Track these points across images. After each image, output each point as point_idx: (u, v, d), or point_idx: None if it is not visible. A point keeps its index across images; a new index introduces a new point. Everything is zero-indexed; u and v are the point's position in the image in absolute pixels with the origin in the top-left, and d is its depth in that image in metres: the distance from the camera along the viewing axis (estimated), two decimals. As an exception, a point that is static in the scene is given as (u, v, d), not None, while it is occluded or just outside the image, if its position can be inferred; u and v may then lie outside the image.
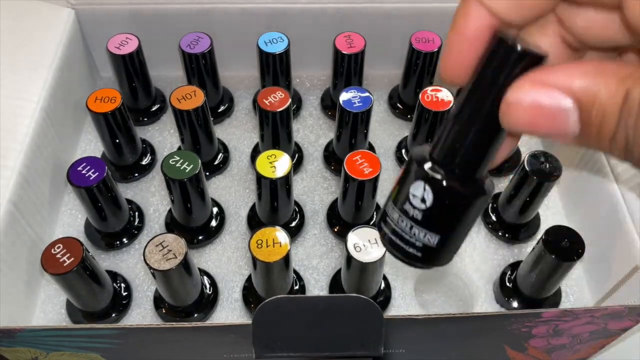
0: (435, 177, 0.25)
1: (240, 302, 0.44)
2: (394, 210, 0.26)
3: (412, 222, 0.26)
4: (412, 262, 0.27)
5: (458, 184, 0.25)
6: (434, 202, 0.25)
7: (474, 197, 0.25)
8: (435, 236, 0.26)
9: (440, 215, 0.25)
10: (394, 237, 0.27)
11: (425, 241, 0.26)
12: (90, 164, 0.42)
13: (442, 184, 0.25)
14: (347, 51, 0.50)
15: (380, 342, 0.34)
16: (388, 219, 0.27)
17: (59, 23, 0.50)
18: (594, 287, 0.45)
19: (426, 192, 0.25)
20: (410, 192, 0.25)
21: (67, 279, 0.38)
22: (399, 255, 0.27)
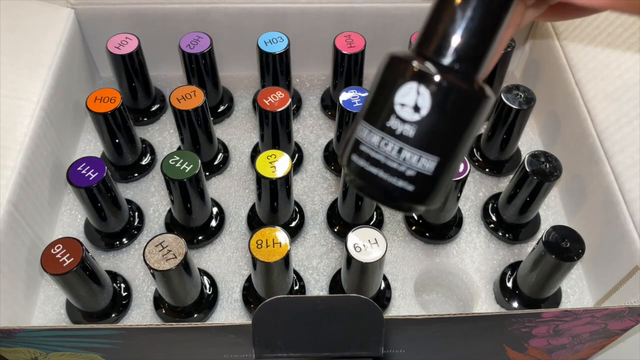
0: (432, 74, 0.19)
1: (240, 302, 0.44)
2: (372, 132, 0.20)
3: (402, 143, 0.19)
4: (398, 202, 0.21)
5: (461, 80, 0.19)
6: (432, 108, 0.19)
7: (481, 98, 0.20)
8: (432, 159, 0.20)
9: (441, 126, 0.19)
10: (372, 169, 0.20)
11: (419, 167, 0.20)
12: (90, 164, 0.42)
13: (443, 81, 0.19)
14: (347, 51, 0.50)
15: (381, 343, 0.34)
16: (362, 147, 0.20)
17: (58, 23, 0.50)
18: (594, 287, 0.45)
19: (421, 96, 0.19)
20: (397, 102, 0.19)
21: (67, 280, 0.38)
22: (380, 193, 0.20)
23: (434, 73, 0.19)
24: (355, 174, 0.21)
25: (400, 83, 0.19)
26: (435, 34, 0.20)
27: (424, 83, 0.19)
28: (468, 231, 0.48)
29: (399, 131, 0.19)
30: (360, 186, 0.21)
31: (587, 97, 0.47)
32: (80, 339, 0.35)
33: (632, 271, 0.40)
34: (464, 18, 0.19)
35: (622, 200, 0.42)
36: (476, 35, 0.19)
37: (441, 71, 0.19)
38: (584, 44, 0.49)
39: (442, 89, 0.19)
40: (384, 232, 0.40)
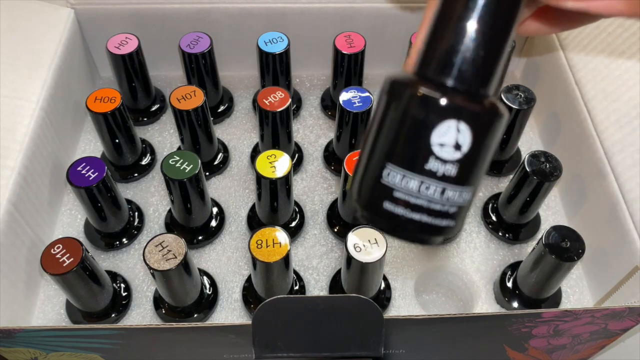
0: (472, 109, 0.18)
1: (240, 302, 0.44)
2: (407, 177, 0.18)
3: (445, 184, 0.18)
4: (437, 240, 0.20)
5: (494, 107, 0.18)
6: (473, 142, 0.18)
7: (506, 116, 0.19)
8: (470, 190, 0.19)
9: (479, 157, 0.18)
10: (415, 216, 0.19)
11: (461, 202, 0.19)
12: (89, 164, 0.42)
13: (484, 114, 0.18)
14: (347, 51, 0.49)
15: (381, 343, 0.34)
16: (397, 194, 0.19)
17: (58, 23, 0.50)
18: (594, 287, 0.45)
19: (462, 133, 0.18)
20: (434, 143, 0.18)
21: (67, 280, 0.38)
22: (422, 236, 0.19)
23: (473, 108, 0.18)
24: (391, 222, 0.19)
25: (435, 122, 0.18)
26: (454, 57, 0.18)
27: (465, 119, 0.18)
28: (468, 231, 0.48)
29: (441, 172, 0.18)
30: (398, 233, 0.19)
31: (587, 97, 0.47)
32: (80, 339, 0.35)
33: (632, 271, 0.40)
34: (482, 36, 0.18)
35: (622, 200, 0.41)
36: (493, 53, 0.18)
37: (476, 102, 0.18)
38: (584, 44, 0.49)
39: (483, 122, 0.18)
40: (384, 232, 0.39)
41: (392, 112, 0.19)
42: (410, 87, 0.18)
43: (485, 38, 0.18)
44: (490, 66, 0.19)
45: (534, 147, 0.53)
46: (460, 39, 0.18)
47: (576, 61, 0.49)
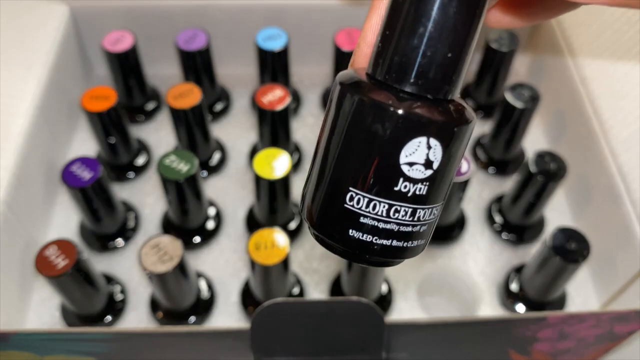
0: (444, 120, 0.16)
1: (238, 305, 0.44)
2: (374, 201, 0.16)
3: (415, 205, 0.17)
4: (405, 258, 0.19)
5: (464, 114, 0.17)
6: (444, 157, 0.16)
7: (471, 123, 0.17)
8: (440, 205, 0.18)
9: (448, 172, 0.17)
10: (384, 242, 0.17)
11: (431, 219, 0.18)
12: (84, 163, 0.41)
13: (453, 125, 0.16)
14: (347, 48, 0.49)
15: (382, 347, 0.34)
16: (363, 219, 0.17)
17: (53, 20, 0.50)
18: (599, 289, 0.44)
19: (433, 149, 0.16)
20: (403, 162, 0.16)
21: (61, 282, 0.37)
22: (392, 259, 0.18)
23: (445, 119, 0.16)
24: (357, 249, 0.17)
25: (404, 140, 0.16)
26: (414, 60, 0.16)
27: (436, 135, 0.16)
28: (471, 233, 0.47)
29: (411, 193, 0.16)
30: (363, 260, 0.18)
31: (592, 96, 0.46)
32: (75, 342, 0.35)
33: (638, 273, 0.40)
34: (445, 36, 0.16)
35: (628, 201, 0.41)
36: (459, 54, 0.16)
37: (447, 112, 0.16)
38: (589, 42, 0.49)
39: (455, 133, 0.16)
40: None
41: (351, 127, 0.17)
42: (370, 99, 0.16)
43: (452, 36, 0.16)
44: (457, 67, 0.16)
45: (538, 147, 0.53)
46: (422, 39, 0.16)
47: (581, 59, 0.48)
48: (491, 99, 0.54)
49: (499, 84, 0.53)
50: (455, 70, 0.16)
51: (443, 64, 0.16)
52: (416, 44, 0.16)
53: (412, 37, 0.16)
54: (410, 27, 0.16)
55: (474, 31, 0.16)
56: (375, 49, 0.17)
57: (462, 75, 0.17)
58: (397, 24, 0.16)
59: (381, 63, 0.16)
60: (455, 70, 0.16)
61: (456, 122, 0.16)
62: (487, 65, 0.52)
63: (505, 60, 0.51)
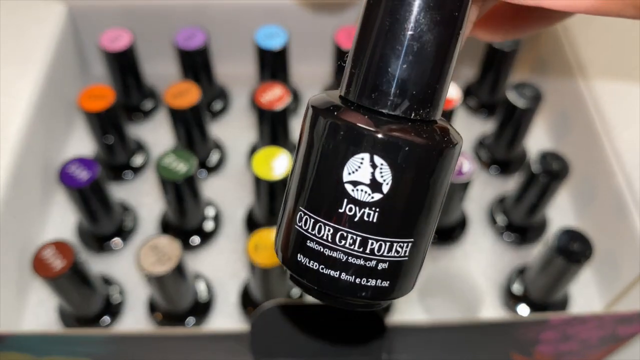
0: (393, 137, 0.14)
1: (237, 306, 0.43)
2: (319, 223, 0.15)
3: (364, 233, 0.15)
4: (368, 305, 0.17)
5: (429, 136, 0.15)
6: (395, 180, 0.14)
7: (453, 147, 0.15)
8: (407, 242, 0.16)
9: (411, 199, 0.15)
10: (331, 272, 0.15)
11: (393, 256, 0.16)
12: (82, 163, 0.41)
13: (407, 145, 0.14)
14: (348, 46, 0.48)
15: (382, 349, 0.33)
16: (310, 243, 0.15)
17: (50, 18, 0.50)
18: (603, 291, 0.44)
19: (378, 169, 0.14)
20: (345, 180, 0.15)
21: (59, 283, 0.37)
22: (347, 300, 0.16)
23: (392, 136, 0.14)
24: (306, 279, 0.16)
25: (344, 155, 0.14)
26: (375, 71, 0.15)
27: (380, 151, 0.14)
28: (473, 233, 0.47)
29: (358, 217, 0.15)
30: (318, 295, 0.16)
31: (595, 95, 0.46)
32: (72, 344, 0.35)
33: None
34: (418, 45, 0.14)
35: (631, 201, 0.41)
36: (435, 65, 0.14)
37: (399, 129, 0.14)
38: (592, 41, 0.48)
39: (407, 155, 0.14)
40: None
41: (303, 140, 0.16)
42: (319, 111, 0.15)
43: (415, 43, 0.14)
44: (426, 82, 0.15)
45: (541, 146, 0.52)
46: (382, 45, 0.15)
47: (584, 58, 0.48)
48: (493, 98, 0.54)
49: (501, 83, 0.53)
50: (422, 89, 0.15)
51: (404, 82, 0.15)
52: (375, 60, 0.15)
53: (370, 52, 0.15)
54: (369, 41, 0.15)
55: (448, 52, 0.15)
56: (347, 65, 0.16)
57: (438, 94, 0.15)
58: (360, 38, 0.16)
59: (346, 79, 0.16)
60: (422, 90, 0.15)
61: (410, 142, 0.14)
62: (489, 64, 0.52)
63: (508, 59, 0.51)
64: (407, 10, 0.14)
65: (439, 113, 0.16)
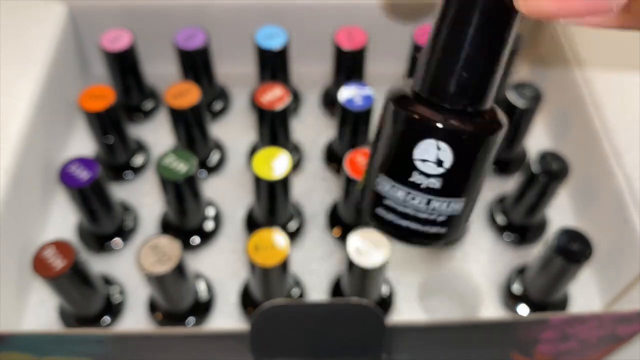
0: (453, 128, 0.19)
1: (237, 306, 0.43)
2: (395, 187, 0.20)
3: (429, 195, 0.20)
4: (432, 244, 0.22)
5: (480, 125, 0.19)
6: (455, 160, 0.19)
7: (499, 130, 0.20)
8: (460, 201, 0.20)
9: (465, 172, 0.20)
10: (403, 222, 0.21)
11: (450, 211, 0.20)
12: (82, 163, 0.41)
13: (464, 134, 0.19)
14: (347, 47, 0.48)
15: (382, 349, 0.33)
16: (387, 201, 0.21)
17: (51, 18, 0.50)
18: (602, 290, 0.44)
19: (442, 151, 0.19)
20: (416, 158, 0.19)
21: (59, 283, 0.37)
22: (415, 241, 0.21)
23: (454, 126, 0.19)
24: (384, 226, 0.21)
25: (415, 140, 0.19)
26: (437, 76, 0.19)
27: (445, 139, 0.19)
28: (473, 233, 0.47)
29: (425, 185, 0.20)
30: (392, 234, 0.21)
31: (596, 95, 0.46)
32: (72, 344, 0.35)
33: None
34: (470, 52, 0.19)
35: (631, 202, 0.41)
36: (483, 69, 0.19)
37: (458, 120, 0.19)
38: (591, 41, 0.48)
39: (465, 141, 0.19)
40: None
41: (385, 124, 0.21)
42: (397, 103, 0.20)
43: (470, 56, 0.19)
44: (479, 84, 0.19)
45: (540, 146, 0.52)
46: (445, 55, 0.19)
47: (584, 58, 0.48)
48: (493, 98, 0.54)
49: (501, 83, 0.52)
50: (475, 87, 0.19)
51: (462, 82, 0.19)
52: (441, 63, 0.19)
53: (438, 56, 0.20)
54: (437, 46, 0.19)
55: (495, 55, 0.19)
56: (419, 64, 0.21)
57: (488, 90, 0.20)
58: (431, 44, 0.20)
59: (417, 77, 0.20)
60: (475, 87, 0.19)
61: (464, 131, 0.19)
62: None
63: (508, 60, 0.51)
64: (467, 29, 0.19)
65: (490, 102, 0.20)
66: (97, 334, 0.34)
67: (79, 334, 0.34)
